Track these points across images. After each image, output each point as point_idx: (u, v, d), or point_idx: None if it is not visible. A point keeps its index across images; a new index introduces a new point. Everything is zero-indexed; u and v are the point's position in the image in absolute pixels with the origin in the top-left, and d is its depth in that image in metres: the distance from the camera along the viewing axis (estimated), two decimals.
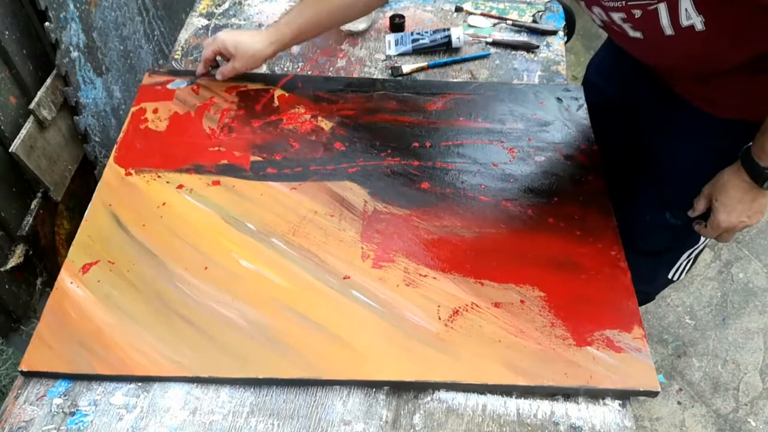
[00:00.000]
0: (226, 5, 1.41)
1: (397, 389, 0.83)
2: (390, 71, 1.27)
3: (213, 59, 1.17)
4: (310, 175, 1.04)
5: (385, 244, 0.95)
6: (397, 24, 1.34)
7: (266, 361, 0.82)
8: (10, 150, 1.25)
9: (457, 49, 1.31)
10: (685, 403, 1.73)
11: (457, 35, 1.29)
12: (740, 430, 1.68)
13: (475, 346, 0.84)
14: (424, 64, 1.28)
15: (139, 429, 0.79)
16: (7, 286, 1.38)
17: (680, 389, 1.75)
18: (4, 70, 1.27)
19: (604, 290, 0.91)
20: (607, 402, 0.83)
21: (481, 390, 0.83)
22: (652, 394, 0.83)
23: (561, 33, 1.36)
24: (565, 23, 1.38)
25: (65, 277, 0.90)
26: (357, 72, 1.27)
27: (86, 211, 0.99)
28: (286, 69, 1.27)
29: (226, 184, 1.02)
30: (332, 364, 0.82)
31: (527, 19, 1.38)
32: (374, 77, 1.26)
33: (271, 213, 0.98)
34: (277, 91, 1.17)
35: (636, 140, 1.18)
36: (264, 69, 1.26)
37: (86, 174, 1.53)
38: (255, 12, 1.39)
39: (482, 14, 1.39)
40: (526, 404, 0.82)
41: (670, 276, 1.28)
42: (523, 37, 1.34)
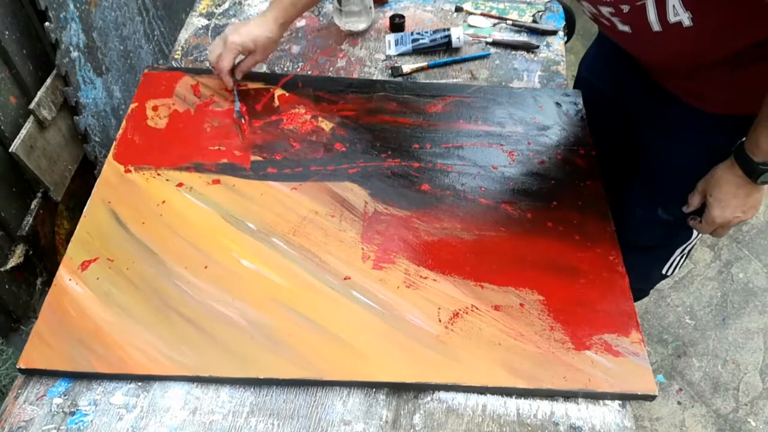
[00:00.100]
0: (226, 5, 1.41)
1: (397, 390, 0.83)
2: (390, 71, 1.27)
3: (233, 65, 1.12)
4: (311, 175, 1.04)
5: (386, 246, 0.95)
6: (397, 24, 1.34)
7: (266, 361, 0.82)
8: (10, 150, 1.25)
9: (457, 49, 1.31)
10: (685, 403, 1.73)
11: (457, 35, 1.29)
12: (740, 430, 1.68)
13: (475, 348, 0.84)
14: (424, 64, 1.28)
15: (139, 429, 0.79)
16: (7, 286, 1.38)
17: (680, 389, 1.75)
18: (4, 70, 1.27)
19: (602, 294, 0.91)
20: (607, 402, 0.83)
21: (481, 391, 0.83)
22: (650, 397, 0.83)
23: (561, 33, 1.36)
24: (565, 23, 1.38)
25: (64, 274, 0.90)
26: (357, 72, 1.27)
27: (85, 207, 0.99)
28: (286, 69, 1.27)
29: (227, 183, 1.02)
30: (332, 364, 0.82)
31: (527, 19, 1.38)
32: (374, 77, 1.26)
33: (272, 213, 0.99)
34: (278, 91, 1.17)
35: (627, 136, 1.18)
36: (264, 69, 1.26)
37: (86, 174, 1.53)
38: (255, 12, 1.39)
39: (482, 14, 1.39)
40: (526, 404, 0.82)
41: (664, 271, 1.29)
42: (523, 37, 1.34)
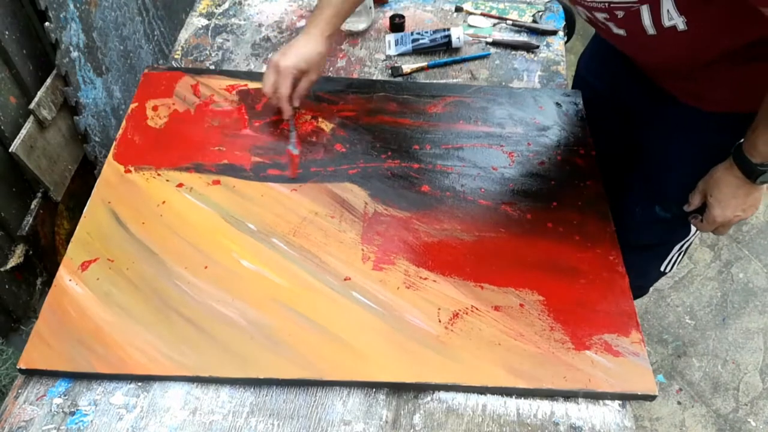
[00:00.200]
0: (226, 5, 1.41)
1: (397, 390, 0.83)
2: (390, 71, 1.27)
3: (292, 90, 1.08)
4: (311, 176, 1.04)
5: (386, 246, 0.95)
6: (397, 24, 1.34)
7: (266, 361, 0.82)
8: (10, 150, 1.25)
9: (457, 49, 1.31)
10: (685, 403, 1.73)
11: (457, 35, 1.29)
12: (740, 430, 1.68)
13: (475, 348, 0.84)
14: (424, 64, 1.28)
15: (139, 429, 0.79)
16: (7, 286, 1.38)
17: (680, 389, 1.75)
18: (4, 70, 1.27)
19: (602, 295, 0.91)
20: (607, 402, 0.83)
21: (481, 391, 0.83)
22: (650, 397, 0.83)
23: (561, 33, 1.36)
24: (565, 23, 1.38)
25: (64, 275, 0.90)
26: (357, 72, 1.27)
27: (85, 207, 0.99)
28: None
29: (227, 183, 1.02)
30: (332, 364, 0.82)
31: (527, 19, 1.38)
32: (374, 77, 1.26)
33: (272, 213, 0.98)
34: None
35: (625, 135, 1.18)
36: (264, 68, 1.26)
37: (86, 174, 1.53)
38: (255, 12, 1.39)
39: (482, 14, 1.39)
40: (526, 404, 0.82)
41: (662, 268, 1.29)
42: (523, 37, 1.34)
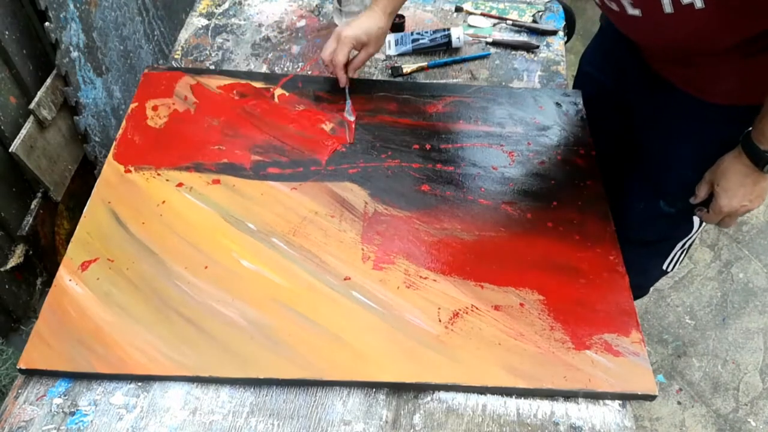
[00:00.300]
0: (226, 5, 1.41)
1: (397, 390, 0.83)
2: (390, 71, 1.27)
3: (348, 60, 1.11)
4: (311, 175, 1.04)
5: (386, 246, 0.95)
6: (397, 24, 1.34)
7: (266, 361, 0.82)
8: (10, 150, 1.25)
9: (457, 49, 1.31)
10: (685, 403, 1.73)
11: (457, 35, 1.29)
12: (740, 430, 1.68)
13: (475, 348, 0.84)
14: (424, 64, 1.28)
15: (139, 429, 0.79)
16: (7, 286, 1.38)
17: (680, 389, 1.75)
18: (4, 70, 1.27)
19: (602, 294, 0.91)
20: (607, 402, 0.83)
21: (481, 391, 0.83)
22: (650, 397, 0.83)
23: (561, 33, 1.36)
24: (565, 23, 1.38)
25: (64, 275, 0.90)
26: (357, 72, 1.26)
27: (85, 207, 0.99)
28: (286, 69, 1.27)
29: (227, 183, 1.02)
30: (332, 364, 0.82)
31: (527, 19, 1.38)
32: (374, 77, 1.26)
33: (272, 213, 0.98)
34: (278, 91, 1.17)
35: (628, 132, 1.18)
36: (264, 68, 1.26)
37: (86, 174, 1.53)
38: (255, 12, 1.39)
39: (482, 14, 1.39)
40: (526, 404, 0.82)
41: (664, 267, 1.28)
42: (523, 37, 1.34)
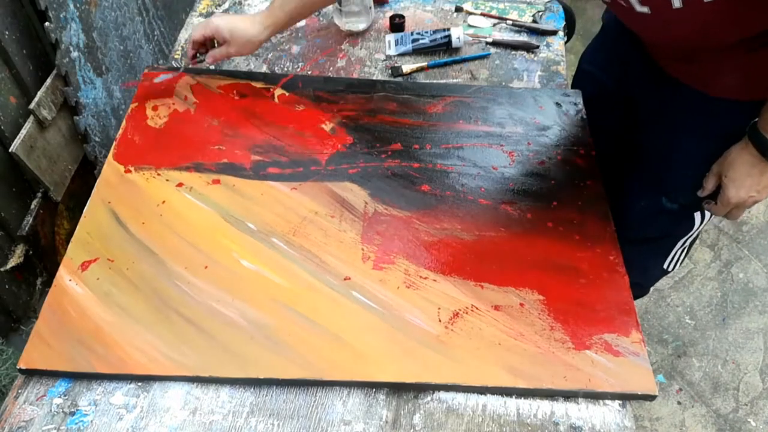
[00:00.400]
0: (226, 5, 1.41)
1: (397, 390, 0.83)
2: (390, 71, 1.27)
3: (202, 42, 1.13)
4: (311, 175, 1.04)
5: (386, 246, 0.95)
6: (397, 24, 1.34)
7: (266, 361, 0.82)
8: (10, 150, 1.25)
9: (457, 49, 1.31)
10: (685, 403, 1.73)
11: (457, 35, 1.29)
12: (740, 430, 1.68)
13: (475, 348, 0.84)
14: (424, 64, 1.28)
15: (139, 429, 0.79)
16: (7, 286, 1.38)
17: (680, 389, 1.75)
18: (4, 70, 1.27)
19: (602, 294, 0.91)
20: (607, 402, 0.83)
21: (481, 391, 0.83)
22: (650, 397, 0.83)
23: (561, 33, 1.36)
24: (565, 23, 1.38)
25: (64, 275, 0.90)
26: (357, 72, 1.27)
27: (85, 207, 0.99)
28: (286, 69, 1.27)
29: (227, 183, 1.02)
30: (332, 364, 0.82)
31: (527, 19, 1.38)
32: (374, 77, 1.26)
33: (272, 213, 0.98)
34: (278, 91, 1.17)
35: (631, 127, 1.18)
36: (264, 68, 1.26)
37: (86, 174, 1.53)
38: (255, 12, 1.39)
39: (482, 14, 1.39)
40: (526, 404, 0.82)
41: (665, 266, 1.28)
42: (523, 37, 1.34)
